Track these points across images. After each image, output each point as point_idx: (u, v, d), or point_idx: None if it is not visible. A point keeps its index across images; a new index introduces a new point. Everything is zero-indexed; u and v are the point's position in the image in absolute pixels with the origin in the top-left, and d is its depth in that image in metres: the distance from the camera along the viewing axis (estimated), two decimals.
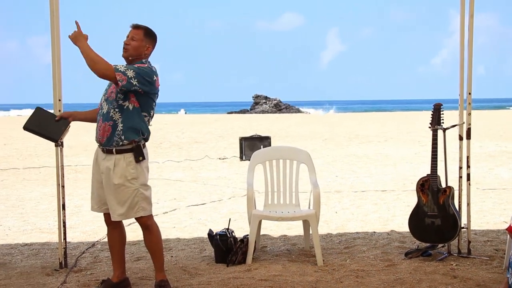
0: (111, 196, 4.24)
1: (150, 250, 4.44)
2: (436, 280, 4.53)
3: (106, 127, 4.19)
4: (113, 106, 4.18)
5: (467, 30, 5.06)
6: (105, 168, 4.24)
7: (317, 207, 5.24)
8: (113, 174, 4.19)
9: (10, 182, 10.71)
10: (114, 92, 4.19)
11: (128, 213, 4.25)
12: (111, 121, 4.18)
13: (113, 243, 4.49)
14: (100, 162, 4.28)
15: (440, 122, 5.20)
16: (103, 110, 4.24)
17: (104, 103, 4.26)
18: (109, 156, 4.23)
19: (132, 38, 4.23)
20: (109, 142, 4.20)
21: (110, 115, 4.18)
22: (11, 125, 30.47)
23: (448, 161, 5.40)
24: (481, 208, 7.56)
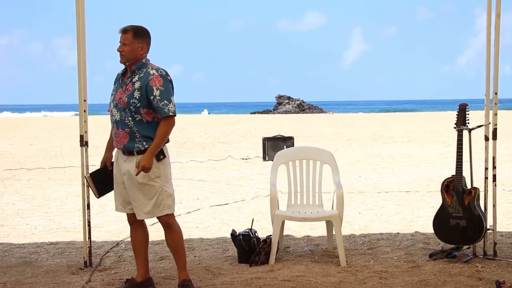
0: (136, 195, 4.27)
1: (172, 249, 4.47)
2: (461, 282, 4.49)
3: (123, 134, 4.26)
4: (129, 114, 4.22)
5: (493, 29, 5.00)
6: (126, 170, 4.28)
7: (340, 207, 5.22)
8: (133, 175, 4.23)
9: (36, 182, 10.85)
10: (124, 101, 4.21)
11: (154, 211, 4.29)
12: (127, 128, 4.24)
13: (136, 243, 4.53)
14: (121, 164, 4.32)
15: (466, 122, 5.15)
16: (115, 117, 4.29)
17: (114, 109, 4.30)
18: (131, 157, 4.27)
19: (123, 43, 4.23)
20: (130, 147, 4.25)
21: (126, 123, 4.23)
22: (37, 125, 30.90)
23: (474, 162, 5.34)
24: (507, 210, 7.47)
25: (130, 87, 4.23)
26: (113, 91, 4.37)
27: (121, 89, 4.28)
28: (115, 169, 4.43)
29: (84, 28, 5.01)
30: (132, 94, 4.19)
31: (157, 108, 4.16)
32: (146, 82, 4.18)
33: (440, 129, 24.02)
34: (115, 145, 4.39)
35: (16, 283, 4.68)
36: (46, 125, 30.69)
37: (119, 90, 4.29)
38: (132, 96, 4.19)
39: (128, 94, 4.21)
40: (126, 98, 4.21)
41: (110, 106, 4.37)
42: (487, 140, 5.15)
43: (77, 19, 4.97)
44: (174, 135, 23.15)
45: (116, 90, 4.33)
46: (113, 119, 4.32)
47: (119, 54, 4.27)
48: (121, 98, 4.23)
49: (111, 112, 4.35)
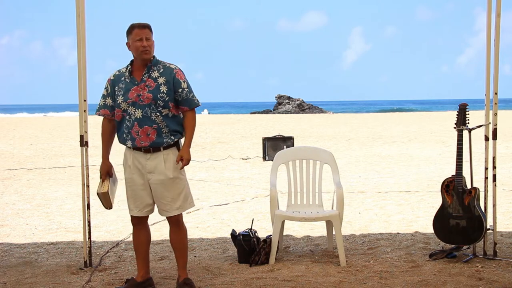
0: (166, 192, 4.28)
1: (177, 247, 4.46)
2: (461, 282, 4.49)
3: (150, 131, 4.21)
4: (154, 110, 4.21)
5: (494, 29, 5.00)
6: (153, 167, 4.26)
7: (340, 207, 5.22)
8: (165, 169, 4.25)
9: (36, 182, 10.86)
10: (149, 98, 4.20)
11: (184, 205, 4.35)
12: (154, 124, 4.22)
13: (139, 244, 4.52)
14: (144, 163, 4.26)
15: (466, 122, 5.15)
16: (135, 115, 4.20)
17: (130, 108, 4.22)
18: (155, 154, 4.26)
19: (146, 39, 4.24)
20: (158, 143, 4.24)
21: (153, 119, 4.21)
22: (37, 125, 30.90)
23: (474, 162, 5.34)
24: (507, 210, 7.47)
25: (151, 83, 4.24)
26: (119, 90, 4.27)
27: (136, 86, 4.23)
28: (131, 172, 4.32)
29: (84, 28, 5.01)
30: (158, 89, 4.22)
31: (186, 100, 4.29)
32: (173, 76, 4.27)
33: (440, 129, 24.03)
34: (132, 144, 4.25)
35: (16, 283, 4.68)
36: (46, 125, 30.69)
37: (132, 88, 4.23)
38: (159, 91, 4.21)
39: (152, 90, 4.21)
40: (150, 94, 4.20)
41: (121, 107, 4.23)
42: (487, 140, 5.15)
43: (77, 19, 4.97)
44: None
45: (127, 88, 4.25)
46: (132, 117, 4.22)
47: (142, 50, 4.21)
48: (142, 95, 4.20)
49: (124, 110, 4.23)
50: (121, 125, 4.30)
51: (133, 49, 4.25)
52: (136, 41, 4.21)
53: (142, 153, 4.27)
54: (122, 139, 4.33)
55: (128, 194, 4.39)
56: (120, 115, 4.27)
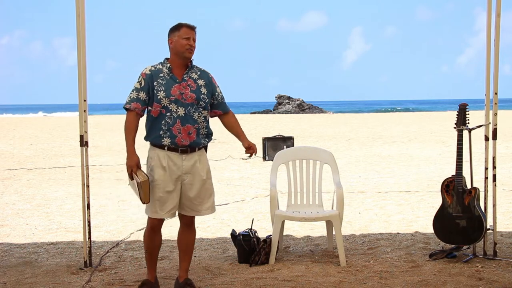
0: (199, 193, 4.31)
1: (185, 249, 4.45)
2: (461, 282, 4.49)
3: (192, 129, 4.22)
4: (196, 110, 4.24)
5: (494, 29, 5.00)
6: (189, 167, 4.25)
7: (340, 207, 5.22)
8: (200, 170, 4.29)
9: (36, 182, 10.86)
10: (192, 97, 4.22)
11: (213, 205, 4.44)
12: (196, 124, 4.24)
13: (155, 247, 4.41)
14: (180, 164, 4.23)
15: (466, 122, 5.15)
16: (178, 113, 4.18)
17: (172, 104, 4.17)
18: (191, 154, 4.26)
19: (193, 39, 4.26)
20: (197, 143, 4.26)
21: (195, 119, 4.23)
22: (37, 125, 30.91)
23: (474, 162, 5.34)
24: (507, 210, 7.47)
25: (192, 83, 4.26)
26: (159, 86, 4.19)
27: (178, 84, 4.21)
28: (165, 173, 4.22)
29: (84, 28, 5.01)
30: (200, 91, 4.26)
31: (221, 104, 4.46)
32: (210, 81, 4.37)
33: (440, 129, 24.04)
34: (172, 143, 4.18)
35: (16, 283, 4.68)
36: (46, 125, 30.70)
37: (174, 86, 4.20)
38: (200, 93, 4.26)
39: (194, 90, 4.24)
40: (193, 94, 4.23)
41: (162, 102, 4.16)
42: (487, 140, 5.15)
43: (77, 19, 4.97)
44: None
45: (169, 85, 4.20)
46: (173, 115, 4.18)
47: (188, 49, 4.22)
48: (185, 94, 4.20)
49: (166, 108, 4.17)
50: (157, 122, 4.20)
51: (177, 46, 4.22)
52: (184, 39, 4.21)
53: (177, 153, 4.22)
54: (155, 136, 4.21)
55: (156, 196, 4.23)
56: (158, 111, 4.18)
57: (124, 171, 12.16)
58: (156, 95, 4.18)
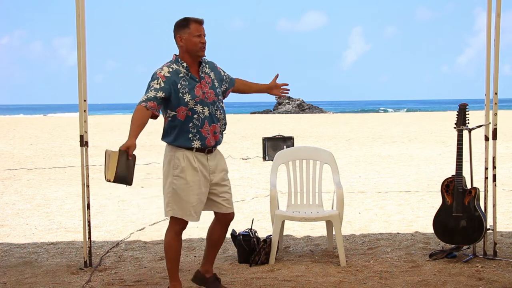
0: (226, 187, 4.29)
1: (218, 244, 4.42)
2: (461, 282, 4.49)
3: (215, 129, 4.16)
4: (217, 107, 4.17)
5: (494, 29, 5.00)
6: (214, 166, 4.20)
7: (340, 207, 5.22)
8: (223, 165, 4.29)
9: (36, 182, 10.86)
10: (213, 93, 4.16)
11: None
12: (219, 122, 4.19)
13: (178, 251, 4.25)
14: (206, 164, 4.15)
15: (466, 122, 5.15)
16: (204, 114, 4.08)
17: (198, 106, 4.06)
18: (213, 153, 4.22)
19: (204, 35, 4.15)
20: (219, 142, 4.25)
21: (217, 117, 4.17)
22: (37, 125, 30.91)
23: (474, 161, 5.34)
24: (507, 210, 7.47)
25: (208, 79, 4.19)
26: (183, 88, 4.06)
27: (198, 84, 4.11)
28: (195, 174, 4.09)
29: (84, 28, 5.01)
30: (215, 85, 4.21)
31: (230, 81, 4.41)
32: (216, 69, 4.31)
33: (440, 129, 24.04)
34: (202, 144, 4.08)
35: (16, 283, 4.68)
36: (46, 125, 30.69)
37: (196, 86, 4.09)
38: (216, 87, 4.20)
39: (212, 87, 4.17)
40: (212, 90, 4.16)
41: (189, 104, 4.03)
42: (487, 140, 5.15)
43: (77, 19, 4.97)
44: None
45: (191, 86, 4.08)
46: (201, 116, 4.07)
47: (202, 47, 4.12)
48: (206, 92, 4.12)
49: (192, 109, 4.05)
50: (185, 125, 4.06)
51: (190, 44, 4.08)
52: (195, 36, 4.07)
53: (204, 154, 4.14)
54: (184, 139, 4.08)
55: (191, 198, 4.10)
56: (184, 114, 4.04)
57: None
58: (182, 98, 4.03)
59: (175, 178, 4.09)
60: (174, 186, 4.10)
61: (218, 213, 4.32)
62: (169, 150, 4.16)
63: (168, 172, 4.12)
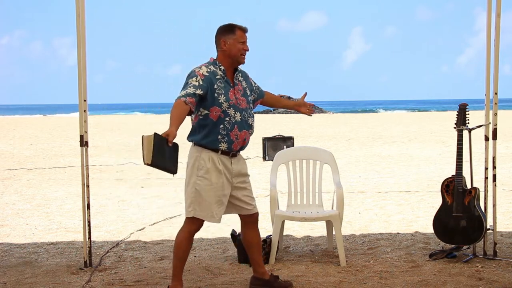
0: (249, 189, 4.34)
1: (258, 243, 4.44)
2: (461, 282, 4.49)
3: (245, 136, 4.21)
4: (249, 115, 4.25)
5: (494, 30, 5.00)
6: (238, 170, 4.24)
7: (340, 207, 5.22)
8: (246, 169, 4.34)
9: (36, 182, 10.86)
10: (244, 101, 4.23)
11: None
12: (251, 129, 4.27)
13: (188, 251, 4.27)
14: (230, 167, 4.19)
15: (466, 122, 5.15)
16: (235, 118, 4.13)
17: (230, 109, 4.11)
18: (237, 157, 4.26)
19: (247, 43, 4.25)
20: (245, 148, 4.29)
21: (249, 124, 4.25)
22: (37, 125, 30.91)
23: (474, 161, 5.34)
24: (507, 210, 7.47)
25: (241, 87, 4.26)
26: (220, 90, 4.10)
27: (232, 89, 4.17)
28: (220, 177, 4.14)
29: (84, 28, 5.01)
30: (247, 94, 4.29)
31: (259, 93, 4.51)
32: (248, 79, 4.40)
33: (440, 129, 24.04)
34: (228, 147, 4.13)
35: (16, 283, 4.68)
36: (46, 125, 30.69)
37: (230, 90, 4.15)
38: (247, 95, 4.29)
39: (243, 94, 4.25)
40: (244, 98, 4.23)
41: (223, 107, 4.07)
42: (487, 140, 5.15)
43: (77, 19, 4.97)
44: None
45: (227, 89, 4.13)
46: (231, 120, 4.12)
47: (243, 54, 4.20)
48: (238, 98, 4.18)
49: (224, 112, 4.09)
50: (216, 126, 4.09)
51: (234, 50, 4.15)
52: (240, 43, 4.16)
53: (228, 157, 4.17)
54: (213, 140, 4.11)
55: (213, 199, 4.13)
56: (217, 115, 4.08)
57: (125, 171, 12.21)
58: (217, 99, 4.07)
59: (199, 179, 4.13)
60: (197, 187, 4.13)
61: (242, 215, 4.38)
62: (194, 151, 4.19)
63: (192, 172, 4.17)
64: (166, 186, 10.11)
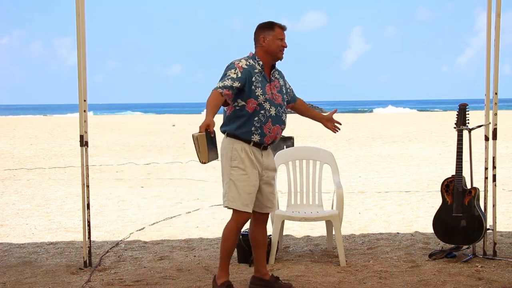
0: (273, 187, 4.38)
1: (265, 243, 4.48)
2: (461, 282, 4.49)
3: (278, 131, 4.28)
4: (284, 111, 4.32)
5: (494, 30, 5.00)
6: (267, 164, 4.31)
7: (340, 207, 5.22)
8: (274, 167, 4.39)
9: (36, 182, 10.85)
10: (280, 97, 4.30)
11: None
12: (283, 125, 4.32)
13: (235, 243, 4.34)
14: (261, 159, 4.26)
15: (466, 122, 5.15)
16: (270, 112, 4.20)
17: (265, 103, 4.18)
18: (267, 150, 4.34)
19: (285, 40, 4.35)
20: (274, 143, 4.34)
21: (283, 120, 4.31)
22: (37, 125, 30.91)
23: (474, 162, 5.34)
24: (507, 210, 7.47)
25: (277, 84, 4.34)
26: (257, 83, 4.18)
27: (269, 84, 4.25)
28: (254, 170, 4.20)
29: (84, 28, 5.01)
30: (282, 91, 4.36)
31: (293, 96, 4.58)
32: (284, 79, 4.48)
33: (440, 129, 24.04)
34: (261, 140, 4.19)
35: (15, 283, 4.68)
36: (46, 125, 30.69)
37: (266, 85, 4.24)
38: (283, 93, 4.35)
39: (280, 91, 4.33)
40: (279, 94, 4.31)
41: (259, 100, 4.15)
42: (487, 140, 5.15)
43: (77, 19, 4.97)
44: (174, 134, 23.21)
45: (263, 83, 4.22)
46: (266, 114, 4.20)
47: (282, 50, 4.29)
48: (274, 94, 4.26)
49: (260, 106, 4.17)
50: (251, 118, 4.17)
51: (273, 46, 4.25)
52: (278, 39, 4.26)
53: (259, 149, 4.24)
54: (246, 131, 4.18)
55: (248, 189, 4.18)
56: (253, 107, 4.16)
57: (125, 171, 12.21)
58: (254, 91, 4.16)
59: (233, 169, 4.19)
60: (232, 177, 4.19)
61: (257, 213, 4.37)
62: (227, 142, 4.25)
63: (226, 163, 4.23)
64: (166, 186, 10.12)
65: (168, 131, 24.22)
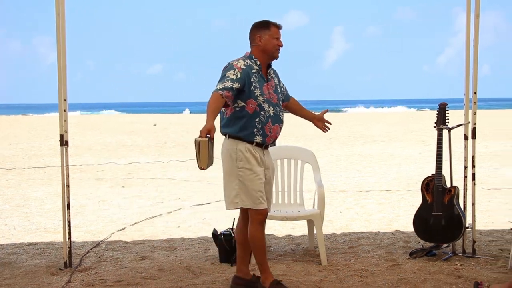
0: (272, 186, 4.42)
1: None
2: (441, 280, 4.53)
3: (277, 130, 4.31)
4: (281, 110, 4.34)
5: (473, 30, 5.05)
6: (268, 162, 4.35)
7: (321, 206, 5.24)
8: (273, 166, 4.43)
9: (15, 182, 10.74)
10: (276, 97, 4.30)
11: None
12: (281, 123, 4.35)
13: (264, 240, 4.38)
14: (263, 158, 4.28)
15: (446, 121, 5.19)
16: (269, 112, 4.22)
17: (264, 104, 4.20)
18: (267, 150, 4.36)
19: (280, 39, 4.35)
20: (274, 143, 4.37)
21: (281, 118, 4.34)
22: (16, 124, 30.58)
23: (453, 160, 5.39)
24: (486, 208, 7.55)
25: (273, 83, 4.35)
26: (256, 83, 4.20)
27: (266, 83, 4.26)
28: (260, 167, 4.23)
29: (64, 27, 4.96)
30: (278, 91, 4.37)
31: (286, 95, 4.58)
32: (278, 78, 4.48)
33: (420, 128, 24.21)
34: (262, 140, 4.21)
35: None
36: (26, 125, 30.38)
37: (264, 85, 4.25)
38: (278, 92, 4.37)
39: (275, 91, 4.33)
40: (275, 94, 4.31)
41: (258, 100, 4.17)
42: (467, 139, 5.20)
43: (57, 18, 4.92)
44: (155, 134, 23.12)
45: (261, 83, 4.24)
46: (266, 114, 4.22)
47: (278, 49, 4.31)
48: (271, 93, 4.27)
49: (260, 106, 4.18)
50: (252, 119, 4.18)
51: (269, 45, 4.25)
52: (274, 38, 4.27)
53: (261, 149, 4.26)
54: (249, 133, 4.18)
55: (258, 187, 4.20)
56: (254, 108, 4.17)
57: (105, 171, 12.14)
58: (253, 92, 4.17)
59: (241, 170, 4.19)
60: (241, 178, 4.20)
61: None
62: (229, 144, 4.23)
63: (231, 165, 4.22)
64: (147, 186, 10.07)
65: (149, 131, 24.11)
